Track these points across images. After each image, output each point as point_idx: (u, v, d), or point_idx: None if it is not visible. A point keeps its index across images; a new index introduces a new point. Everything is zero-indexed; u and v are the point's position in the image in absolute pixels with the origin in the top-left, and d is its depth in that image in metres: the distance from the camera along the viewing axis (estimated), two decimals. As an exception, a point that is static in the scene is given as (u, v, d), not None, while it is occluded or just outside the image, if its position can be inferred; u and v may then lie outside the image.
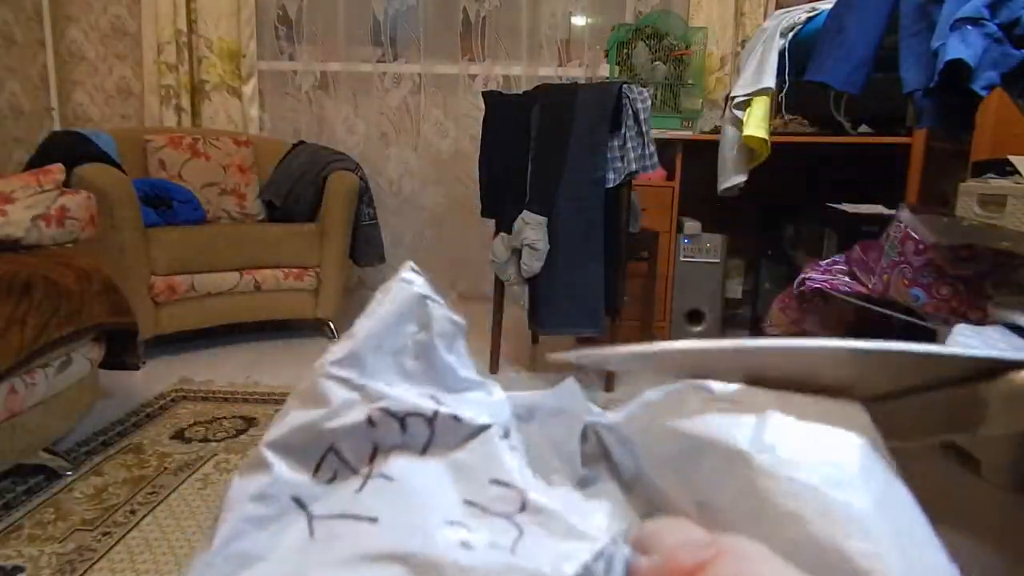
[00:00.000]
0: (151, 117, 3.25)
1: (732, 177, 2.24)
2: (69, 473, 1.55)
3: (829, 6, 1.56)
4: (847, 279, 1.71)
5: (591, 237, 2.07)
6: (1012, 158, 1.40)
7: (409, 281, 0.25)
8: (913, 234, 1.50)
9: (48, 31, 3.27)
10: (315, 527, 0.19)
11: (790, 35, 1.90)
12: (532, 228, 2.06)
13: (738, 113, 2.12)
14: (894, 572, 0.17)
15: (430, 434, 0.22)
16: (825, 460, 0.19)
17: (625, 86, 2.04)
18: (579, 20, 3.29)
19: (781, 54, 1.92)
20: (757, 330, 2.88)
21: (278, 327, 2.78)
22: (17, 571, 1.20)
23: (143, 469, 1.60)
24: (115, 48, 3.36)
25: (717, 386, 0.22)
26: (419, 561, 0.18)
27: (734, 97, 2.13)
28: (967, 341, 1.03)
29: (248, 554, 0.19)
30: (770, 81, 1.97)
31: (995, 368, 0.22)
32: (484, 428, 0.23)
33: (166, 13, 3.14)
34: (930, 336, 1.45)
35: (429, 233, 3.45)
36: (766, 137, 2.06)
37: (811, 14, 1.83)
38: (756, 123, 2.05)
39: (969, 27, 1.02)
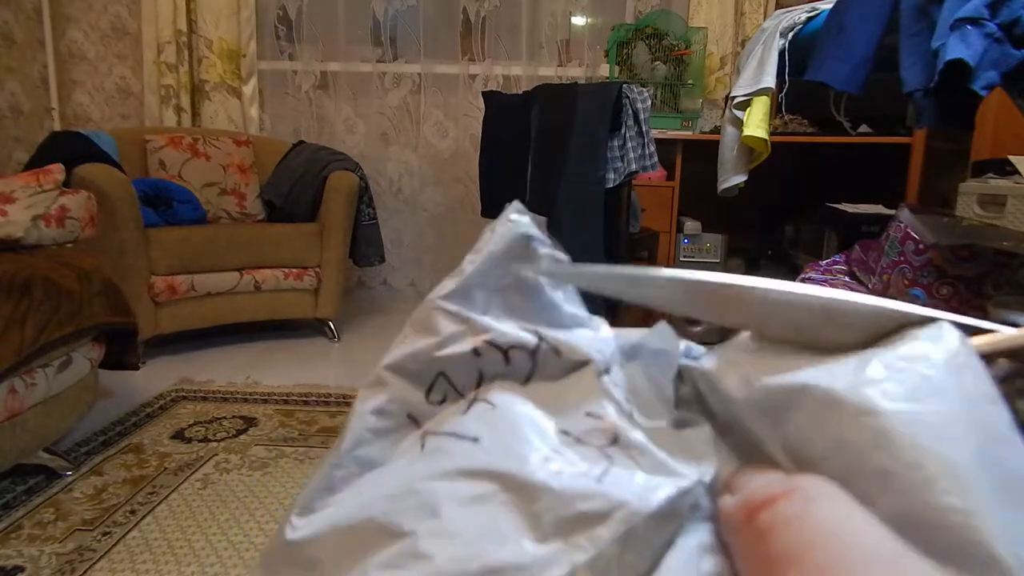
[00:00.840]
0: (151, 117, 3.25)
1: (732, 177, 2.24)
2: (69, 473, 1.55)
3: (829, 6, 1.56)
4: (847, 279, 1.71)
5: (591, 237, 2.07)
6: (1012, 158, 1.41)
7: (515, 220, 0.26)
8: (913, 234, 1.50)
9: (48, 31, 3.27)
10: (426, 441, 0.21)
11: (790, 35, 1.90)
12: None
13: (738, 113, 2.12)
14: (993, 532, 0.16)
15: (532, 366, 0.23)
16: (924, 409, 0.18)
17: (625, 86, 2.04)
18: (579, 20, 3.29)
19: (781, 54, 1.92)
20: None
21: (278, 327, 2.78)
22: (17, 571, 1.20)
23: (143, 469, 1.60)
24: (115, 48, 3.36)
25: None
26: (512, 480, 0.19)
27: (734, 97, 2.13)
28: None
29: (370, 459, 0.21)
30: (770, 81, 1.97)
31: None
32: (584, 363, 0.24)
33: (166, 13, 3.14)
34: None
35: (429, 233, 3.45)
36: (766, 137, 2.06)
37: (811, 14, 1.82)
38: (756, 123, 2.05)
39: (969, 27, 1.02)
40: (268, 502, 1.46)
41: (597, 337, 0.26)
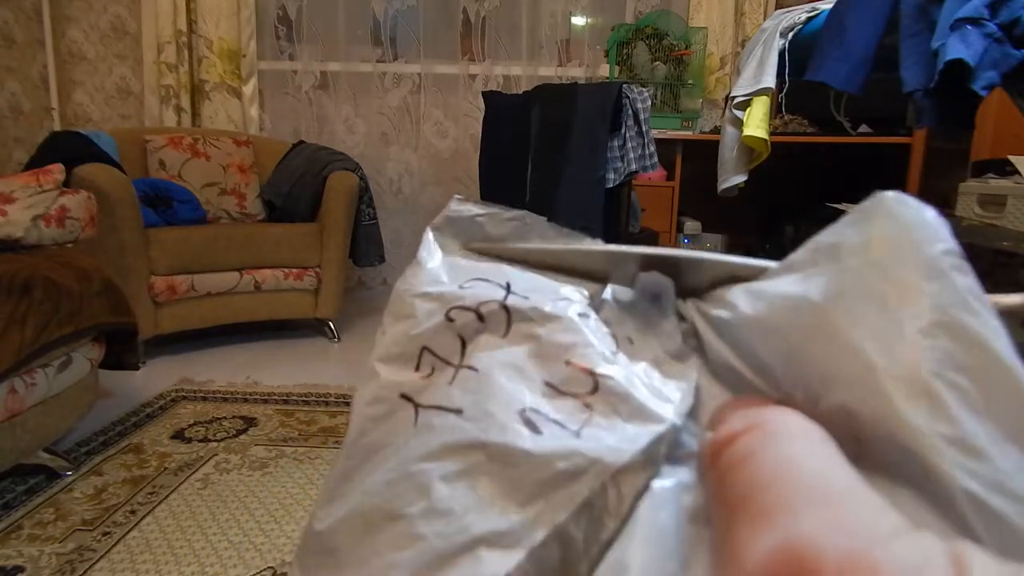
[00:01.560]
0: (151, 117, 3.25)
1: (732, 177, 2.24)
2: (69, 473, 1.55)
3: (829, 6, 1.56)
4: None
5: (591, 237, 2.07)
6: (1012, 158, 1.41)
7: (457, 210, 0.27)
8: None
9: (48, 31, 3.27)
10: (419, 416, 0.22)
11: (790, 35, 1.90)
12: (532, 228, 2.06)
13: (738, 113, 2.12)
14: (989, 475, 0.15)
15: (507, 317, 0.24)
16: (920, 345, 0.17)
17: (625, 86, 2.05)
18: (579, 20, 3.29)
19: (781, 54, 1.92)
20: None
21: (278, 327, 2.78)
22: (17, 571, 1.20)
23: (143, 469, 1.60)
24: (115, 48, 3.36)
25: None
26: (494, 449, 0.20)
27: (734, 97, 2.13)
28: None
29: (373, 445, 0.22)
30: (770, 81, 1.97)
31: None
32: (564, 304, 0.24)
33: (166, 13, 3.14)
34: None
35: (429, 233, 3.44)
36: (766, 137, 2.06)
37: (811, 14, 1.83)
38: (756, 123, 2.05)
39: (969, 27, 1.02)
40: (268, 502, 1.46)
41: (576, 281, 0.26)
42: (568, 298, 0.25)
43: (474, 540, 0.19)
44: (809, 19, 1.83)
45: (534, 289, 0.25)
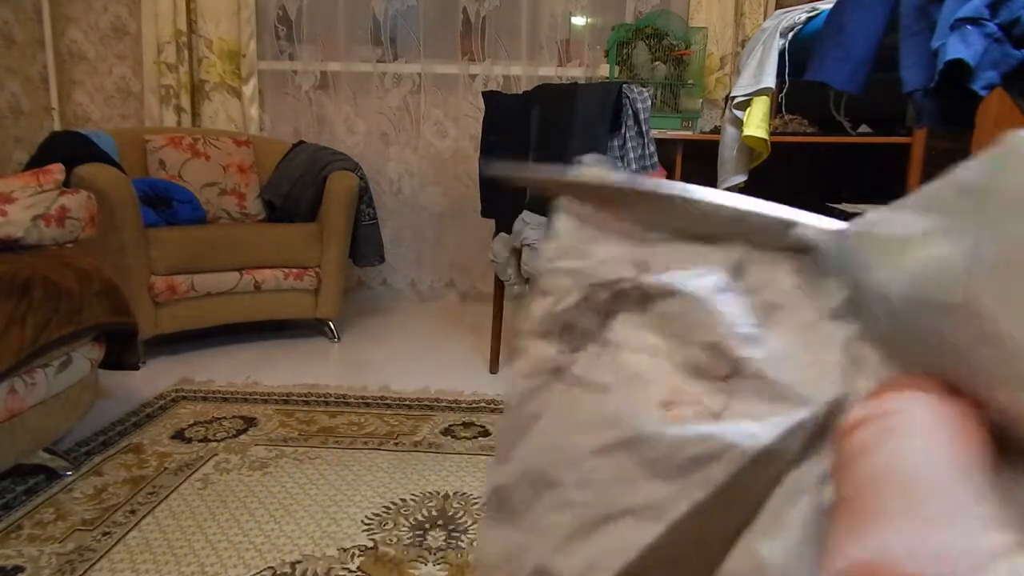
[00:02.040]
0: (151, 117, 3.25)
1: (732, 177, 2.24)
2: (69, 473, 1.55)
3: (829, 6, 1.56)
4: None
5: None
6: (1012, 158, 1.41)
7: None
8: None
9: (48, 31, 3.27)
10: (565, 391, 0.23)
11: (790, 35, 1.90)
12: (532, 228, 2.06)
13: (738, 113, 2.12)
14: None
15: (644, 298, 0.24)
16: None
17: (625, 86, 2.04)
18: (579, 20, 3.29)
19: (781, 54, 1.93)
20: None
21: (278, 327, 2.78)
22: (17, 571, 1.20)
23: (143, 469, 1.60)
24: (115, 48, 3.35)
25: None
26: (634, 429, 0.21)
27: (734, 97, 2.13)
28: None
29: (532, 413, 0.24)
30: (770, 81, 1.98)
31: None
32: (699, 284, 0.23)
33: (166, 13, 3.14)
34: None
35: (429, 233, 3.44)
36: (766, 137, 2.06)
37: (811, 14, 1.83)
38: (756, 123, 2.05)
39: (969, 27, 1.02)
40: (268, 502, 1.46)
41: (715, 247, 0.24)
42: (706, 273, 0.23)
43: (620, 511, 0.20)
44: (809, 19, 1.84)
45: (671, 264, 0.24)
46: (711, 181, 2.32)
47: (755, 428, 0.19)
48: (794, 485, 0.19)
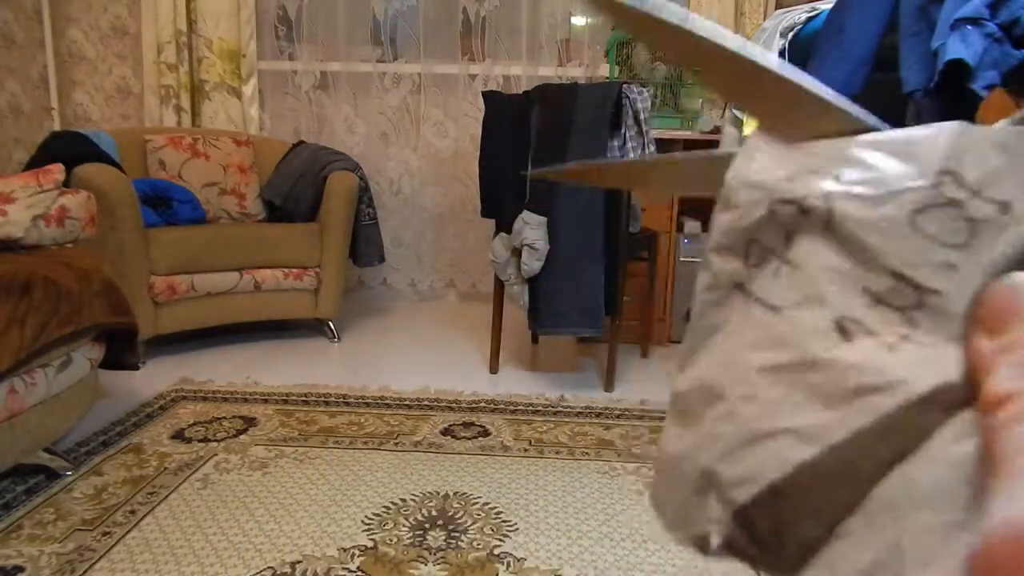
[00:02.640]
0: (151, 117, 3.25)
1: (732, 177, 2.23)
2: (69, 473, 1.55)
3: (829, 6, 1.56)
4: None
5: (591, 237, 2.07)
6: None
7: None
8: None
9: (48, 31, 3.27)
10: (743, 307, 0.24)
11: (790, 35, 1.90)
12: (532, 228, 2.06)
13: (738, 113, 2.12)
14: None
15: (831, 216, 0.22)
16: None
17: (625, 86, 2.05)
18: (579, 20, 3.29)
19: (781, 54, 1.92)
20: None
21: (278, 327, 2.78)
22: (17, 571, 1.20)
23: (143, 469, 1.60)
24: (115, 48, 3.36)
25: None
26: (803, 351, 0.21)
27: (734, 97, 2.13)
28: None
29: (711, 326, 0.24)
30: (770, 81, 1.97)
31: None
32: (895, 203, 0.21)
33: (166, 13, 3.14)
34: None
35: (429, 233, 3.45)
36: (766, 137, 2.06)
37: (811, 14, 1.83)
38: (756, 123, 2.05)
39: (969, 27, 1.02)
40: (268, 502, 1.46)
41: (913, 157, 0.22)
42: (907, 188, 0.21)
43: (781, 430, 0.21)
44: (809, 19, 1.83)
45: (868, 178, 0.22)
46: (711, 181, 2.32)
47: (932, 366, 0.19)
48: (963, 425, 0.18)
